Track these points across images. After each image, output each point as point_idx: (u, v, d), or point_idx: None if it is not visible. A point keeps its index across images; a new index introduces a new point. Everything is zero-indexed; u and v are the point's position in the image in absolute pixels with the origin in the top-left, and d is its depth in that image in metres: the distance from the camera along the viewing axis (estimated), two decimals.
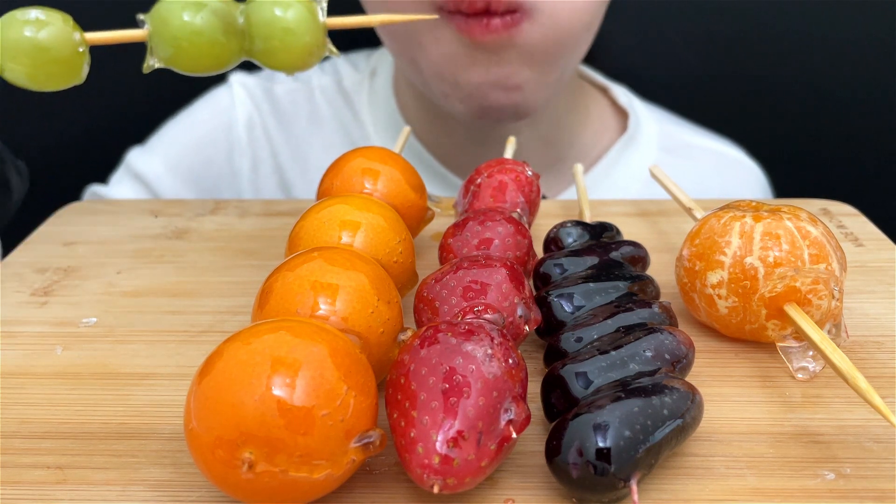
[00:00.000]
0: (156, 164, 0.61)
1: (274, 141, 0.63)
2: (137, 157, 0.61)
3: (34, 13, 0.31)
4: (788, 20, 0.67)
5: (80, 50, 0.32)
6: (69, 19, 0.32)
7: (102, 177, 0.62)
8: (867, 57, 0.67)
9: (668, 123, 0.65)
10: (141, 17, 0.33)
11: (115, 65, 0.45)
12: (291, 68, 0.35)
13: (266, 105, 0.63)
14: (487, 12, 0.44)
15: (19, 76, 0.32)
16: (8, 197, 0.45)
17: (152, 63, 0.33)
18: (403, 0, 0.47)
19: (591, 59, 0.64)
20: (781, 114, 0.70)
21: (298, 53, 0.34)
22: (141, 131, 0.63)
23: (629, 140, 0.61)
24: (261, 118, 0.63)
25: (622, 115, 0.63)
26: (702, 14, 0.68)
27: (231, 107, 0.63)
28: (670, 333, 0.28)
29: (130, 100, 0.68)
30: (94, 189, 0.60)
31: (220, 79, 0.64)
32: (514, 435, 0.24)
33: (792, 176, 0.71)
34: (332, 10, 0.35)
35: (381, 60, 0.63)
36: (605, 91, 0.64)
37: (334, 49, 0.35)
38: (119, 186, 0.60)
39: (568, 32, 0.48)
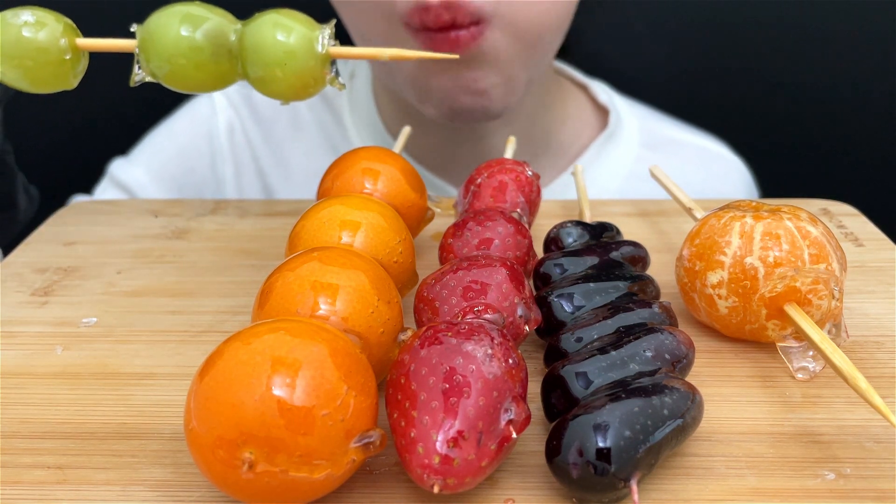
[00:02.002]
0: (139, 174, 0.61)
1: (255, 146, 0.63)
2: (121, 168, 0.61)
3: (27, 14, 0.31)
4: (789, 19, 0.67)
5: (67, 57, 0.31)
6: (61, 19, 0.32)
7: (87, 186, 0.62)
8: (867, 55, 0.67)
9: (649, 120, 0.64)
10: (134, 27, 0.32)
11: (102, 73, 0.45)
12: (288, 97, 0.33)
13: (246, 110, 0.63)
14: (453, 25, 0.44)
15: (16, 78, 0.31)
16: (15, 217, 0.46)
17: (139, 77, 0.32)
18: (372, 17, 0.47)
19: (573, 55, 0.64)
20: (782, 113, 0.70)
21: (297, 83, 0.32)
22: (127, 140, 0.63)
23: (609, 137, 0.61)
24: (241, 124, 0.63)
25: (603, 112, 0.63)
26: (699, 9, 0.68)
27: (212, 114, 0.63)
28: (670, 333, 0.28)
29: (115, 109, 0.68)
30: (78, 199, 0.60)
31: None
32: (514, 435, 0.24)
33: (792, 175, 0.71)
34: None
35: (358, 63, 0.63)
36: (584, 89, 0.64)
37: (341, 82, 0.33)
38: (103, 197, 0.60)
39: (535, 36, 0.48)
